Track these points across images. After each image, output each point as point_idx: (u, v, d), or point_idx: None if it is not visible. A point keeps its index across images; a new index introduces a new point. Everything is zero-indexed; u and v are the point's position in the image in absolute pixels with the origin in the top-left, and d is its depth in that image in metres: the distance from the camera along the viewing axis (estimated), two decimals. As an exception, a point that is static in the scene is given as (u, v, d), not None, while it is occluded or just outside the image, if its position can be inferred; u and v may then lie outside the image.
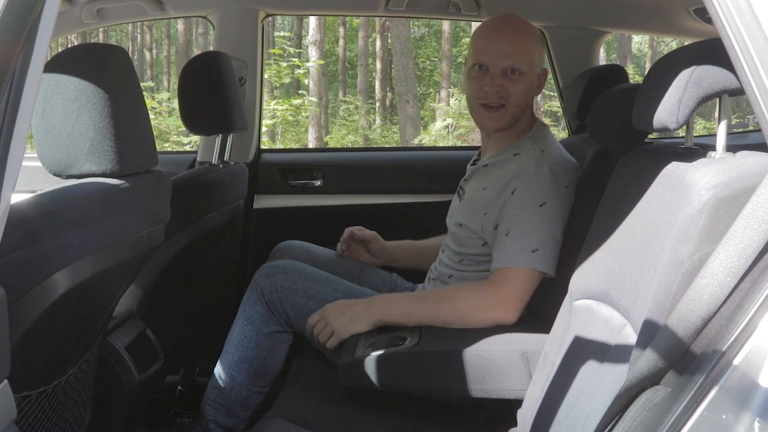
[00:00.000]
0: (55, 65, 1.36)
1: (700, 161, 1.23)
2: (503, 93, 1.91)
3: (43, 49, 0.93)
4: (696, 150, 1.33)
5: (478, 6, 2.71)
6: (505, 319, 1.79)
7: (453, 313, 1.84)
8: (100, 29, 16.09)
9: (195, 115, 2.24)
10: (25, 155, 0.95)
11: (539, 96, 2.18)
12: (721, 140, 1.25)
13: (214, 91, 2.22)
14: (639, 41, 21.97)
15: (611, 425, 1.12)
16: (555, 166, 1.87)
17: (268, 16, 2.90)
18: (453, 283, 2.01)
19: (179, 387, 2.34)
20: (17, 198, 1.21)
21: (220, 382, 1.99)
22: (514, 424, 1.72)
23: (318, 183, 2.97)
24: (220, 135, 2.47)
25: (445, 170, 2.99)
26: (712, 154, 1.25)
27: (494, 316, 1.80)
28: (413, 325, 1.84)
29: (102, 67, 1.40)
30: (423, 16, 4.87)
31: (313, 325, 1.88)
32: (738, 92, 1.21)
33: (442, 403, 1.90)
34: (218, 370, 2.01)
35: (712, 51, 1.21)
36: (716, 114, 1.28)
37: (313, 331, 1.88)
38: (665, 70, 1.30)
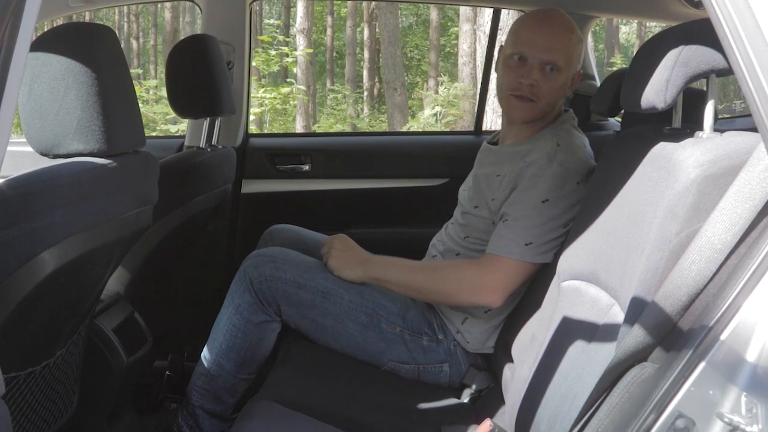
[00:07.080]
0: (42, 44, 1.34)
1: (688, 140, 1.24)
2: (536, 89, 1.88)
3: (29, 28, 0.92)
4: (683, 130, 1.33)
5: (467, -10, 2.70)
6: (490, 304, 1.84)
7: (439, 292, 1.91)
8: (86, 18, 15.96)
9: (182, 98, 2.22)
10: (11, 140, 0.95)
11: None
12: (708, 120, 1.25)
13: (201, 74, 2.20)
14: (627, 31, 22.02)
15: (599, 402, 1.13)
16: (567, 162, 1.82)
17: (255, 0, 2.89)
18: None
19: (167, 372, 2.34)
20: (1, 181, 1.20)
21: (207, 370, 1.98)
22: (502, 404, 1.73)
23: (306, 168, 2.96)
24: (208, 119, 2.45)
25: (433, 155, 2.99)
26: (699, 133, 1.25)
27: (479, 300, 1.86)
28: (397, 291, 1.97)
29: (89, 45, 1.39)
30: (411, 0, 4.86)
31: (324, 245, 2.08)
32: (726, 72, 1.21)
33: (431, 384, 1.92)
34: (205, 357, 1.99)
35: (700, 31, 1.21)
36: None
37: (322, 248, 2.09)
38: (653, 50, 1.30)
